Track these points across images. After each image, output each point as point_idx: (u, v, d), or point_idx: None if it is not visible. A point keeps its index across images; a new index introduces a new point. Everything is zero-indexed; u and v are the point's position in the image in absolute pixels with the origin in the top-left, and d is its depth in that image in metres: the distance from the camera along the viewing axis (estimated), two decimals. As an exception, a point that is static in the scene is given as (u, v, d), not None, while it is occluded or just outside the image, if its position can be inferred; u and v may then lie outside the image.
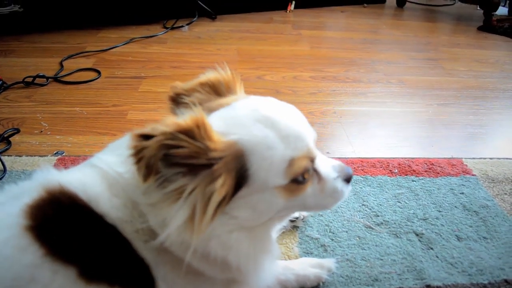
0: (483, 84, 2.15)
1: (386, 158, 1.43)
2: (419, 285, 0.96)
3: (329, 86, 2.02)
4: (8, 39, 2.35)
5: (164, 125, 0.56)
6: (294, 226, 1.10)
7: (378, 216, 1.16)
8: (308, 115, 1.71)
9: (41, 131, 1.50)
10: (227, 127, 0.62)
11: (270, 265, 0.75)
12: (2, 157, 1.30)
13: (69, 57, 2.15)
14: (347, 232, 1.10)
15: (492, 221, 1.16)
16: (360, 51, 2.55)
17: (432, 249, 1.06)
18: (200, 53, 2.36)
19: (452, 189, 1.29)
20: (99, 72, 1.99)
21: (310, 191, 0.69)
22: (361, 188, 1.27)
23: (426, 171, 1.36)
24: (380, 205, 1.21)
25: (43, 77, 1.86)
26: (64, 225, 0.62)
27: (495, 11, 3.20)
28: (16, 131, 1.48)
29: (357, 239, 1.09)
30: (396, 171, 1.36)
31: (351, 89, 2.00)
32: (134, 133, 0.56)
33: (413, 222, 1.15)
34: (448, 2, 3.97)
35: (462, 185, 1.31)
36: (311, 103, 1.84)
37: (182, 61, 2.21)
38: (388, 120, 1.75)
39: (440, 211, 1.19)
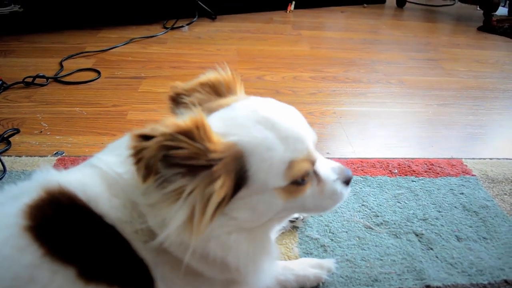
0: (483, 85, 2.15)
1: (386, 158, 1.43)
2: (418, 285, 0.96)
3: (329, 86, 2.02)
4: (8, 39, 2.35)
5: (163, 125, 0.56)
6: (294, 226, 1.10)
7: (378, 216, 1.16)
8: (308, 115, 1.72)
9: (41, 131, 1.50)
10: (226, 128, 0.62)
11: (269, 266, 0.75)
12: (2, 157, 1.30)
13: (69, 57, 2.15)
14: (346, 232, 1.10)
15: (492, 221, 1.16)
16: (360, 51, 2.55)
17: (432, 249, 1.06)
18: (200, 53, 2.36)
19: (452, 189, 1.29)
20: (99, 72, 2.00)
21: (310, 192, 0.69)
22: (361, 188, 1.27)
23: (426, 172, 1.36)
24: (380, 205, 1.21)
25: (43, 77, 1.86)
26: (63, 225, 0.62)
27: (495, 12, 3.21)
28: (16, 131, 1.48)
29: (357, 239, 1.09)
30: (396, 171, 1.36)
31: (351, 90, 2.00)
32: (134, 134, 0.56)
33: (413, 223, 1.15)
34: (448, 2, 3.97)
35: (462, 185, 1.31)
36: (311, 103, 1.84)
37: (182, 61, 2.21)
38: (388, 120, 1.75)
39: (440, 212, 1.19)
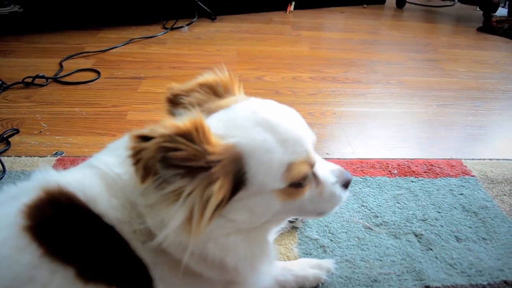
0: (482, 85, 2.15)
1: (385, 159, 1.43)
2: (418, 286, 0.96)
3: (328, 87, 2.02)
4: (7, 40, 2.35)
5: (162, 127, 0.56)
6: (294, 227, 1.10)
7: (378, 217, 1.16)
8: (308, 116, 1.72)
9: (41, 132, 1.50)
10: (226, 129, 0.62)
11: (268, 267, 0.75)
12: (1, 157, 1.30)
13: (68, 58, 2.15)
14: (346, 233, 1.10)
15: (492, 222, 1.16)
16: (360, 52, 2.55)
17: (431, 250, 1.06)
18: (199, 53, 2.36)
19: (451, 190, 1.29)
20: (98, 73, 2.00)
21: (308, 195, 0.69)
22: (361, 189, 1.27)
23: (425, 172, 1.36)
24: (380, 206, 1.21)
25: (42, 77, 1.86)
26: (62, 225, 0.62)
27: (494, 12, 3.21)
28: (15, 131, 1.48)
29: (356, 240, 1.09)
30: (396, 172, 1.36)
31: (350, 90, 2.00)
32: (133, 134, 0.56)
33: (412, 223, 1.15)
34: (448, 3, 3.98)
35: (462, 186, 1.31)
36: (310, 104, 1.84)
37: (181, 62, 2.21)
38: (388, 121, 1.75)
39: (439, 212, 1.19)
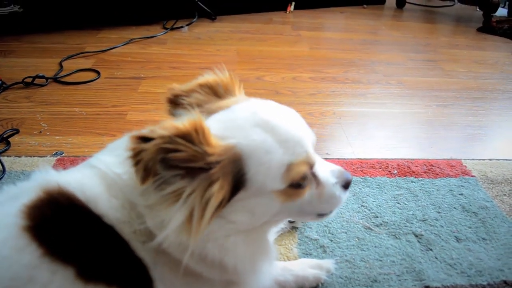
0: (482, 85, 2.15)
1: (385, 159, 1.43)
2: (418, 286, 0.96)
3: (328, 87, 2.02)
4: (7, 40, 2.35)
5: (162, 128, 0.56)
6: (293, 227, 1.10)
7: (377, 217, 1.16)
8: (308, 116, 1.72)
9: (41, 132, 1.50)
10: (225, 130, 0.62)
11: (268, 267, 0.75)
12: (1, 157, 1.30)
13: (68, 58, 2.15)
14: (346, 233, 1.10)
15: (491, 222, 1.16)
16: (360, 52, 2.55)
17: (431, 250, 1.06)
18: (199, 53, 2.36)
19: (451, 190, 1.29)
20: (98, 73, 1.99)
21: (308, 196, 0.69)
22: (360, 189, 1.27)
23: (425, 172, 1.36)
24: (379, 206, 1.21)
25: (42, 77, 1.86)
26: (62, 225, 0.62)
27: (494, 12, 3.21)
28: (15, 131, 1.48)
29: (356, 240, 1.09)
30: (396, 172, 1.36)
31: (350, 90, 2.00)
32: (133, 135, 0.56)
33: (412, 223, 1.15)
34: (448, 3, 3.98)
35: (461, 186, 1.31)
36: (310, 104, 1.84)
37: (181, 62, 2.21)
38: (388, 121, 1.75)
39: (439, 212, 1.19)
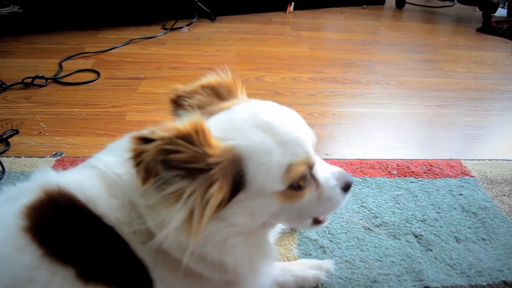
0: (482, 86, 2.15)
1: (385, 159, 1.43)
2: (417, 286, 0.96)
3: (328, 87, 2.02)
4: (7, 40, 2.35)
5: (163, 129, 0.56)
6: (293, 227, 1.10)
7: (377, 217, 1.16)
8: (307, 116, 1.72)
9: (40, 132, 1.50)
10: (225, 131, 0.62)
11: (267, 268, 0.75)
12: (1, 158, 1.30)
13: (68, 58, 2.15)
14: (346, 233, 1.10)
15: (491, 222, 1.17)
16: (359, 52, 2.56)
17: (430, 250, 1.06)
18: (199, 54, 2.36)
19: (451, 190, 1.29)
20: (98, 73, 1.99)
21: (308, 198, 0.69)
22: (360, 189, 1.27)
23: (425, 173, 1.36)
24: (379, 206, 1.21)
25: (42, 78, 1.86)
26: (62, 226, 0.62)
27: (494, 13, 3.21)
28: (15, 132, 1.48)
29: (356, 240, 1.09)
30: (395, 172, 1.36)
31: (350, 91, 2.00)
32: (134, 136, 0.57)
33: (412, 224, 1.15)
34: (447, 3, 3.98)
35: (461, 186, 1.31)
36: (310, 104, 1.84)
37: (181, 62, 2.21)
38: (387, 121, 1.75)
39: (439, 213, 1.19)
